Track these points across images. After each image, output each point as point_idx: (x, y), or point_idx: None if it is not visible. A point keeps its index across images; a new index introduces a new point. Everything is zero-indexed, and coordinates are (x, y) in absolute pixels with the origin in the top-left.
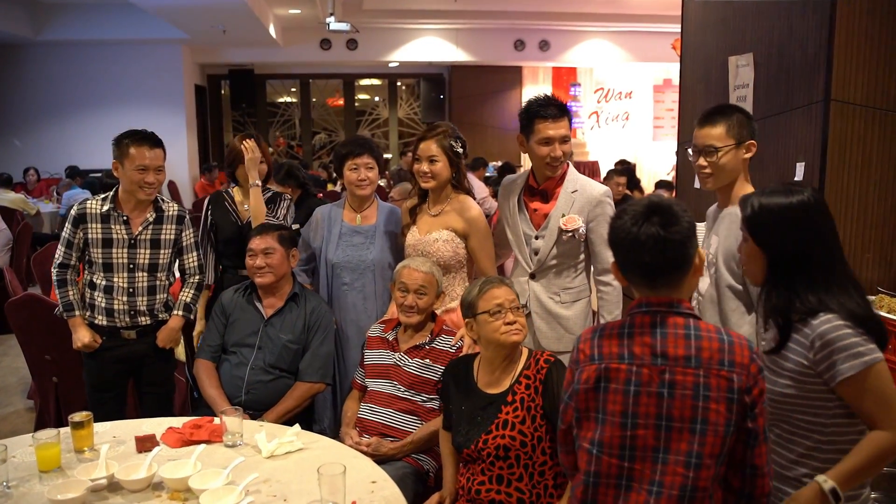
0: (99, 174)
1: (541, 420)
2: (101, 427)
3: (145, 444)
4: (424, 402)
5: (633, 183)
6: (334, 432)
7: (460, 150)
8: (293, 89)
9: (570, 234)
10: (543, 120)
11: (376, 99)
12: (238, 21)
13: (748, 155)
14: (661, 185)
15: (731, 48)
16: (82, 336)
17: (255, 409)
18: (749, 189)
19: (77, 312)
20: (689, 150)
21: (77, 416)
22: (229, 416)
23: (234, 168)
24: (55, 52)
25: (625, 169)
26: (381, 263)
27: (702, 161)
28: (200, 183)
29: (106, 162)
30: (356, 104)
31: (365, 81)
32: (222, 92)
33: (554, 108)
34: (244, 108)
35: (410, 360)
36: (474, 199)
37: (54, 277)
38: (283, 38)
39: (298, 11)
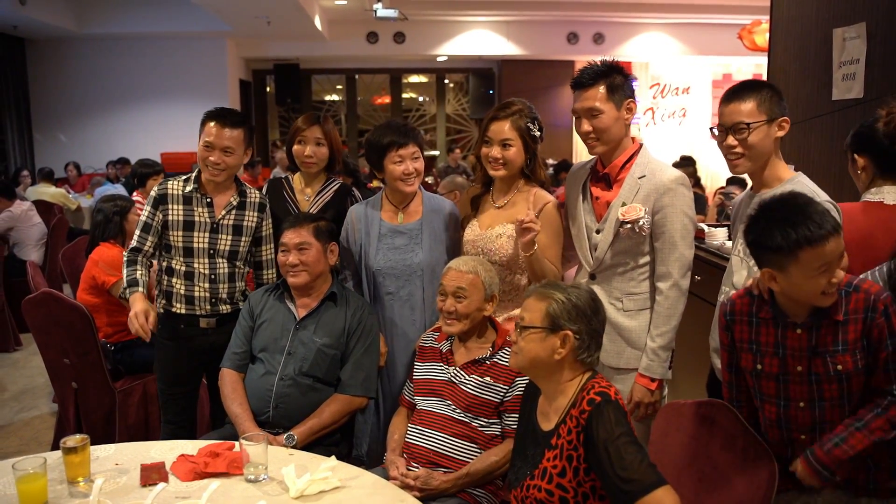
0: None
1: (584, 475)
2: (103, 451)
3: (151, 475)
4: (484, 427)
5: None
6: (374, 458)
7: (537, 134)
8: (339, 87)
9: (628, 226)
10: (574, 89)
11: (423, 99)
12: (283, 12)
13: (781, 133)
14: (732, 181)
15: (835, 19)
16: (139, 308)
17: (284, 426)
18: (786, 170)
19: (140, 288)
20: (714, 131)
21: (70, 440)
22: (252, 442)
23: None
24: (99, 45)
25: (683, 162)
26: (430, 267)
27: (730, 140)
28: (243, 178)
29: (150, 157)
30: (402, 102)
31: (413, 79)
32: (267, 88)
33: (583, 75)
34: (289, 104)
35: (467, 377)
36: (550, 192)
37: (125, 258)
38: (329, 31)
39: (345, 2)
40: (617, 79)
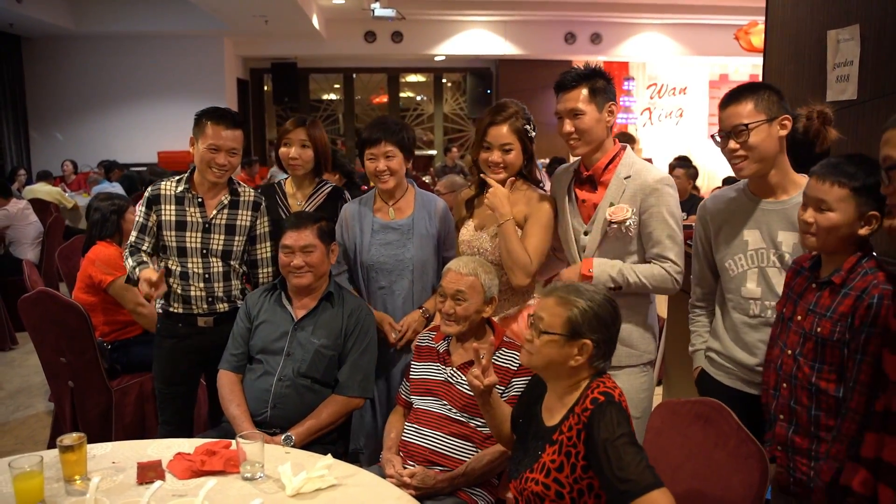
0: (141, 168)
1: (582, 472)
2: (99, 449)
3: (148, 473)
4: (480, 426)
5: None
6: (370, 454)
7: (533, 134)
8: (337, 85)
9: (615, 226)
10: (557, 92)
11: (421, 98)
12: (280, 11)
13: (783, 132)
14: (728, 181)
15: (830, 21)
16: (148, 274)
17: (282, 426)
18: (793, 174)
19: (149, 265)
20: (716, 137)
21: (67, 439)
22: (248, 440)
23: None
24: (96, 44)
25: (680, 163)
26: (420, 262)
27: (732, 144)
28: (240, 177)
29: (146, 156)
30: (400, 101)
31: (411, 78)
32: (265, 87)
33: (566, 78)
34: (287, 103)
35: (464, 378)
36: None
37: (125, 251)
38: (327, 30)
39: (342, 1)
40: (599, 82)
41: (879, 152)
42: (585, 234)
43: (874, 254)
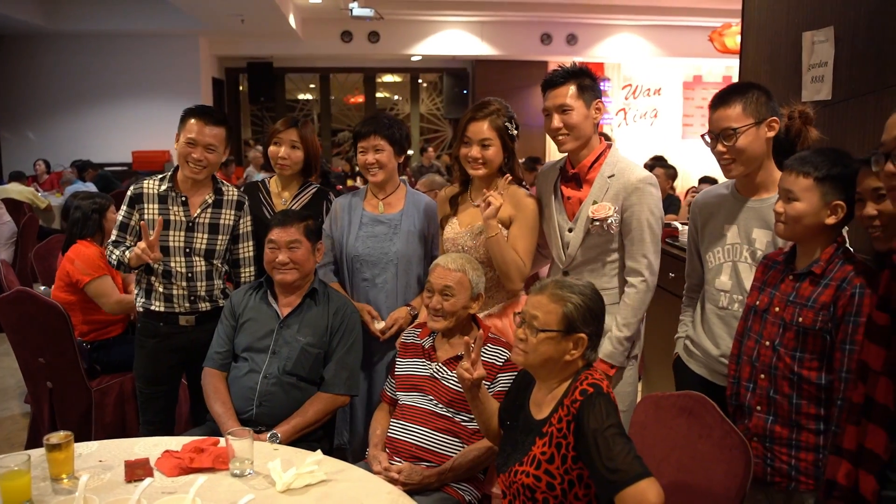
0: (115, 167)
1: (572, 463)
2: (85, 448)
3: (136, 471)
4: (466, 422)
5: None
6: (354, 451)
7: (514, 132)
8: (312, 85)
9: (597, 223)
10: (545, 89)
11: (397, 98)
12: (257, 10)
13: (771, 134)
14: (704, 180)
15: (805, 23)
16: (140, 247)
17: (268, 424)
18: (775, 173)
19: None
20: (706, 138)
21: (54, 437)
22: (237, 437)
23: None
24: (69, 42)
25: (657, 163)
26: (405, 257)
27: (720, 147)
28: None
29: (121, 156)
30: (376, 101)
31: (387, 78)
32: (241, 87)
33: (555, 75)
34: (262, 103)
35: (449, 373)
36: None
37: (108, 250)
38: (304, 29)
39: (319, 1)
40: (586, 80)
41: (885, 134)
42: (570, 230)
43: (848, 247)
